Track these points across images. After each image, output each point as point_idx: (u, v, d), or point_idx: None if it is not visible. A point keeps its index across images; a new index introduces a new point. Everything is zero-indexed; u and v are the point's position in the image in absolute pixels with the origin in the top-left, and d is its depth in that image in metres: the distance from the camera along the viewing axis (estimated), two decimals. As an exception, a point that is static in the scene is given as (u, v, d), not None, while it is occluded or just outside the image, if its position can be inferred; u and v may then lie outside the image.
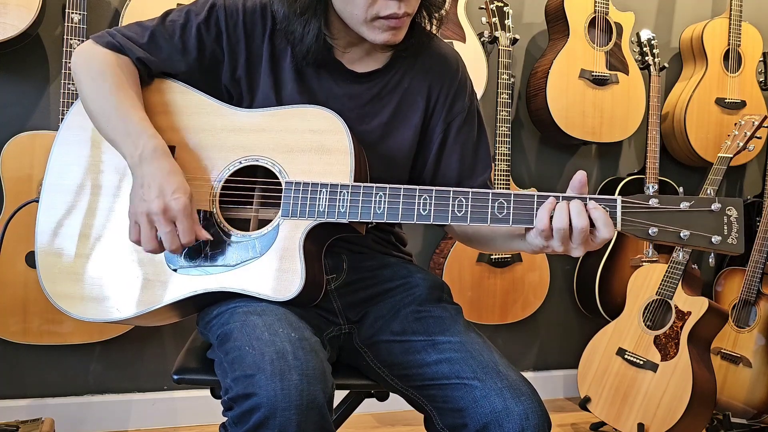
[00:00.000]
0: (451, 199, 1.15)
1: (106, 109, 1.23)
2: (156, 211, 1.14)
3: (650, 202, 1.10)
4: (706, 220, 1.09)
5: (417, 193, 1.16)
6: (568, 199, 1.11)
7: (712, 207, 1.09)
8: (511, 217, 1.13)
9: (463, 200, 1.15)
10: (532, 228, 1.13)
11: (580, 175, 1.12)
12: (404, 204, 1.16)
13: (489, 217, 1.14)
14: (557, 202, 1.10)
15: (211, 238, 1.20)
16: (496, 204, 1.14)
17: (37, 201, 1.31)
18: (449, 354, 1.20)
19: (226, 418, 1.07)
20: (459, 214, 1.15)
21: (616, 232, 1.10)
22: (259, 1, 1.32)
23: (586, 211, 1.09)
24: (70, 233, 1.27)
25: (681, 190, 1.19)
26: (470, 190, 1.15)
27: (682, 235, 1.09)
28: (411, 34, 1.32)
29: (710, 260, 1.13)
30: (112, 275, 1.24)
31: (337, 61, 1.33)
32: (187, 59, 1.30)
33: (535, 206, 1.12)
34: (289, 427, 0.98)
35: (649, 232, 1.09)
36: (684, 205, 1.09)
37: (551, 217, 1.09)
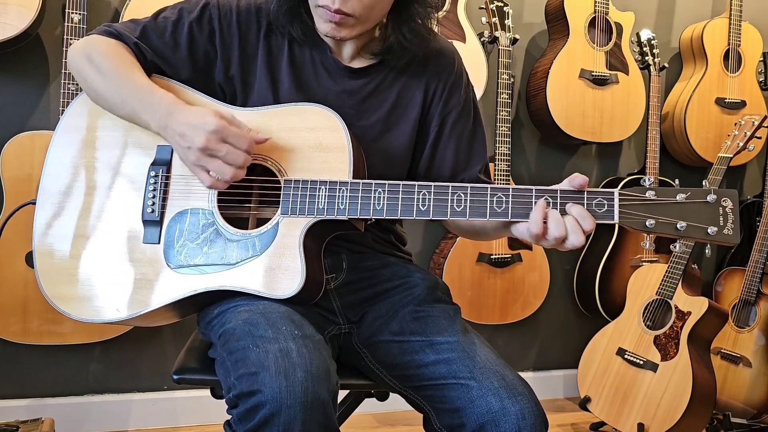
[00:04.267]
0: (450, 194, 1.15)
1: (116, 88, 1.24)
2: (202, 144, 1.14)
3: (647, 195, 1.11)
4: (702, 211, 1.10)
5: (416, 189, 1.16)
6: (565, 193, 1.12)
7: (708, 198, 1.10)
8: (510, 212, 1.14)
9: (462, 195, 1.15)
10: (522, 222, 1.14)
11: (581, 180, 1.12)
12: (403, 200, 1.16)
13: (488, 211, 1.14)
14: (548, 212, 1.11)
15: (265, 138, 1.20)
16: (495, 199, 1.14)
17: (35, 203, 1.31)
18: (447, 354, 1.20)
19: (229, 416, 1.07)
20: (458, 209, 1.15)
21: (616, 225, 1.11)
22: (254, 0, 1.32)
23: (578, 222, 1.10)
24: (67, 234, 1.27)
25: (677, 181, 1.20)
26: (469, 185, 1.16)
27: (678, 226, 1.10)
28: (392, 50, 1.31)
29: (707, 251, 1.14)
30: (110, 276, 1.24)
31: (334, 58, 1.33)
32: (179, 57, 1.30)
33: (534, 200, 1.13)
34: (293, 425, 0.98)
35: (647, 224, 1.10)
36: (680, 197, 1.10)
37: (545, 219, 1.10)
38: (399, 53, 1.31)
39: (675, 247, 2.34)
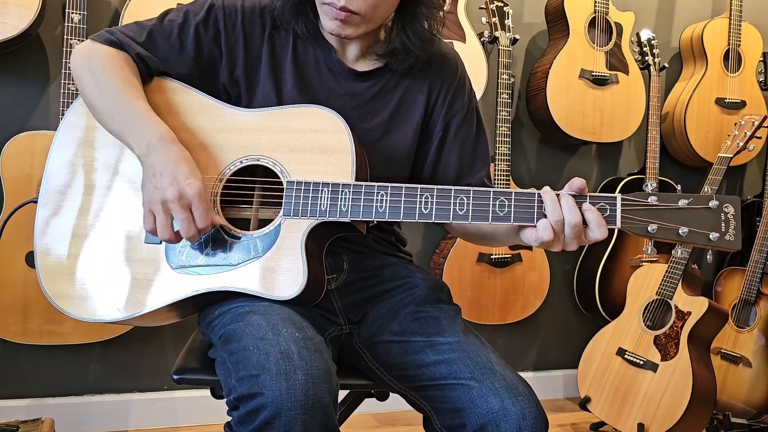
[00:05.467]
0: (452, 197, 1.15)
1: (110, 103, 1.23)
2: (171, 198, 1.13)
3: (649, 200, 1.11)
4: (704, 217, 1.11)
5: (418, 192, 1.16)
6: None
7: (710, 204, 1.11)
8: (512, 216, 1.14)
9: (465, 199, 1.15)
10: (527, 227, 1.14)
11: (579, 183, 1.13)
12: (406, 203, 1.16)
13: (490, 215, 1.14)
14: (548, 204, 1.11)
15: (226, 224, 1.20)
16: (497, 202, 1.14)
17: (36, 201, 1.31)
18: (447, 355, 1.20)
19: (230, 418, 1.07)
20: (460, 213, 1.15)
21: (615, 230, 1.12)
22: (258, 1, 1.33)
23: (579, 209, 1.11)
24: (68, 233, 1.27)
25: (679, 187, 1.20)
26: (471, 188, 1.16)
27: (680, 231, 1.10)
28: (396, 53, 1.31)
29: (708, 257, 1.15)
30: (111, 275, 1.24)
31: (339, 60, 1.33)
32: (185, 59, 1.30)
33: (536, 204, 1.13)
34: (294, 427, 0.98)
35: (649, 229, 1.11)
36: (682, 203, 1.11)
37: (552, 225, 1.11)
38: (403, 56, 1.31)
39: (677, 252, 2.34)
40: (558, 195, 1.12)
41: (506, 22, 2.52)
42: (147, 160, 1.18)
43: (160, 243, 1.24)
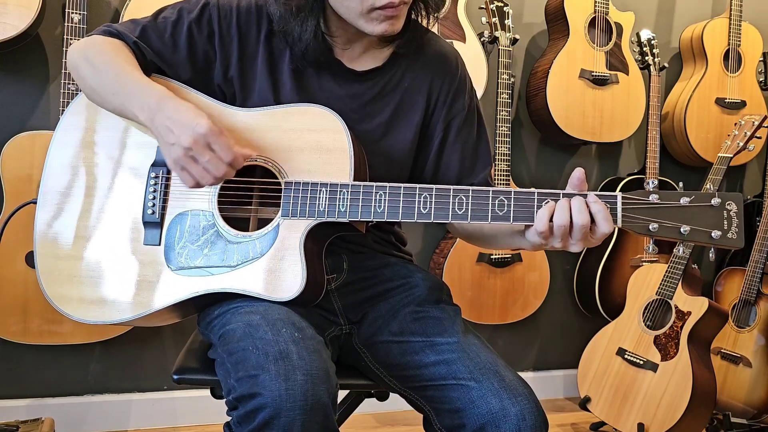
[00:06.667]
0: (451, 197, 1.15)
1: (108, 80, 1.23)
2: (188, 144, 1.12)
3: (651, 198, 1.10)
4: (706, 215, 1.09)
5: (417, 192, 1.16)
6: (569, 195, 1.11)
7: (712, 202, 1.09)
8: (511, 215, 1.13)
9: (464, 198, 1.15)
10: (532, 225, 1.13)
11: (578, 173, 1.12)
12: (404, 203, 1.16)
13: (489, 215, 1.14)
14: (556, 204, 1.10)
15: (252, 153, 1.19)
16: (497, 202, 1.14)
17: (35, 202, 1.30)
18: (447, 355, 1.20)
19: (229, 418, 1.07)
20: (459, 212, 1.15)
21: (615, 228, 1.11)
22: (254, 1, 1.32)
23: (587, 207, 1.09)
24: (68, 235, 1.27)
25: (681, 185, 1.19)
26: (470, 188, 1.15)
27: (682, 230, 1.09)
28: (407, 27, 1.30)
29: (710, 255, 1.13)
30: (112, 277, 1.24)
31: (337, 60, 1.32)
32: (178, 57, 1.30)
33: (536, 204, 1.12)
34: (293, 427, 0.98)
35: (650, 227, 1.10)
36: (684, 201, 1.10)
37: (551, 218, 1.10)
38: (411, 34, 1.30)
39: (678, 250, 2.34)
40: (569, 198, 1.10)
41: (506, 22, 2.52)
42: (154, 122, 1.17)
43: (159, 244, 1.24)
